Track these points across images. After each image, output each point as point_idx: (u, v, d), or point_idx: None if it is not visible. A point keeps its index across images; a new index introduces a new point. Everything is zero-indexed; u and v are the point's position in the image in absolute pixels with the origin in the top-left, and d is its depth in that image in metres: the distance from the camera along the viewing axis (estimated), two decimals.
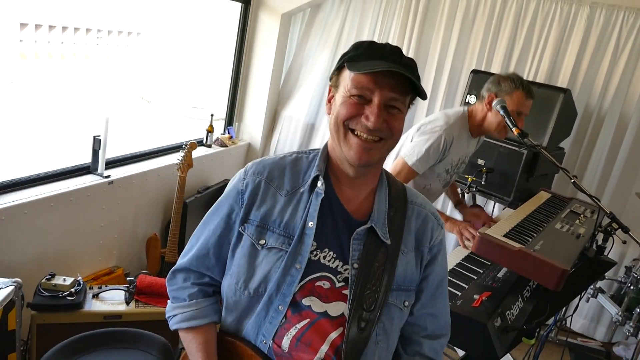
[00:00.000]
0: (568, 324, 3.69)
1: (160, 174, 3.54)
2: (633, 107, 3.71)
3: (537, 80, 3.77)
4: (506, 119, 2.36)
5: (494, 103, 2.42)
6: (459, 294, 1.92)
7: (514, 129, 2.32)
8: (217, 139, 4.23)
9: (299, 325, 1.23)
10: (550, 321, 2.95)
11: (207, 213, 1.40)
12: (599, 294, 3.52)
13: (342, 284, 1.26)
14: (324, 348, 1.22)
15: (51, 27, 10.95)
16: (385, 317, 1.27)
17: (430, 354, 1.41)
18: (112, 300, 2.57)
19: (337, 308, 1.25)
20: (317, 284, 1.25)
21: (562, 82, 3.78)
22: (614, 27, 3.65)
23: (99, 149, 3.02)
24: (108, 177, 3.09)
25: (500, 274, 2.15)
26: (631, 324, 3.17)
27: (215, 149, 4.15)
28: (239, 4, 4.23)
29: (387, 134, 1.23)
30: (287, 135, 4.61)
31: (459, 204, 3.02)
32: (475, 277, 2.10)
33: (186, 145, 3.36)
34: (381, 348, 1.28)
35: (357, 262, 1.26)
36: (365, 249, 1.27)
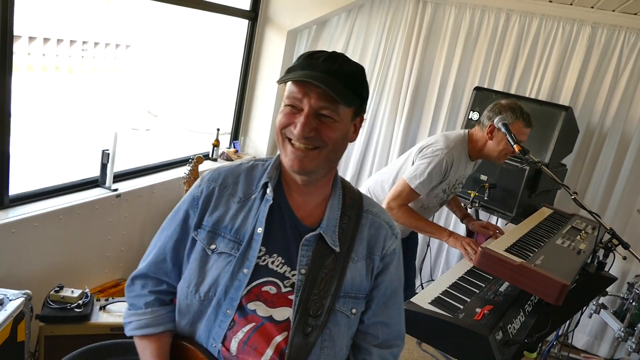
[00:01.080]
0: (570, 340, 3.69)
1: (167, 187, 3.59)
2: (635, 125, 3.75)
3: (539, 98, 3.81)
4: (507, 136, 2.41)
5: (495, 120, 2.47)
6: (461, 307, 1.94)
7: (515, 146, 2.37)
8: (223, 153, 4.28)
9: (245, 329, 1.25)
10: (552, 336, 2.96)
11: (166, 219, 1.42)
12: (602, 309, 3.52)
13: (288, 289, 1.28)
14: (269, 352, 1.24)
15: (31, 39, 10.75)
16: (331, 323, 1.28)
17: None
18: (119, 312, 2.59)
19: (283, 313, 1.27)
20: (264, 289, 1.27)
21: (564, 100, 3.82)
22: (615, 47, 3.70)
23: (108, 162, 3.07)
24: (116, 190, 3.13)
25: (502, 288, 2.18)
26: (634, 340, 3.18)
27: (220, 162, 4.20)
28: (246, 21, 4.30)
29: (320, 143, 1.23)
30: None
31: (465, 217, 3.04)
32: (478, 291, 2.13)
33: (193, 159, 3.40)
34: (327, 354, 1.29)
35: (304, 268, 1.28)
36: (314, 256, 1.29)
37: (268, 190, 1.31)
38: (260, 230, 1.28)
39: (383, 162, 4.36)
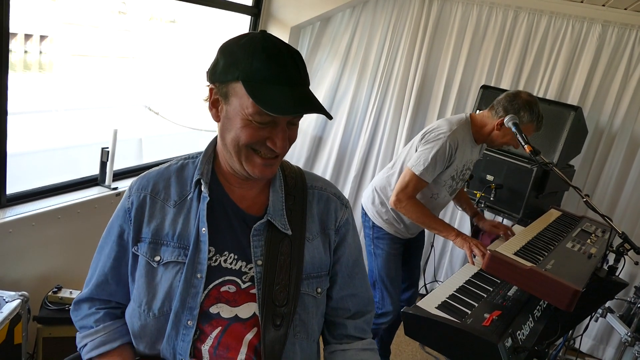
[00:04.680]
0: (578, 345, 3.64)
1: None
2: None
3: (548, 97, 3.76)
4: (518, 135, 2.37)
5: (505, 119, 2.43)
6: (469, 312, 1.89)
7: (525, 146, 2.32)
8: None
9: (213, 335, 1.20)
10: (560, 341, 2.91)
11: (102, 236, 1.36)
12: (608, 313, 3.47)
13: (248, 284, 1.23)
14: (243, 350, 1.20)
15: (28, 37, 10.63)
16: (299, 308, 1.25)
17: (356, 332, 1.40)
18: None
19: (248, 309, 1.22)
20: (222, 289, 1.22)
21: (572, 99, 3.76)
22: (626, 46, 3.64)
23: (107, 160, 3.02)
24: (115, 189, 3.08)
25: (510, 293, 2.12)
26: None
27: None
28: (248, 17, 4.24)
29: (288, 147, 1.21)
30: (294, 147, 4.59)
31: (475, 215, 2.98)
32: (485, 295, 2.07)
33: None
34: (301, 339, 1.26)
35: (260, 259, 1.23)
36: (267, 244, 1.24)
37: (203, 188, 1.25)
38: (204, 230, 1.22)
39: (387, 160, 4.31)
